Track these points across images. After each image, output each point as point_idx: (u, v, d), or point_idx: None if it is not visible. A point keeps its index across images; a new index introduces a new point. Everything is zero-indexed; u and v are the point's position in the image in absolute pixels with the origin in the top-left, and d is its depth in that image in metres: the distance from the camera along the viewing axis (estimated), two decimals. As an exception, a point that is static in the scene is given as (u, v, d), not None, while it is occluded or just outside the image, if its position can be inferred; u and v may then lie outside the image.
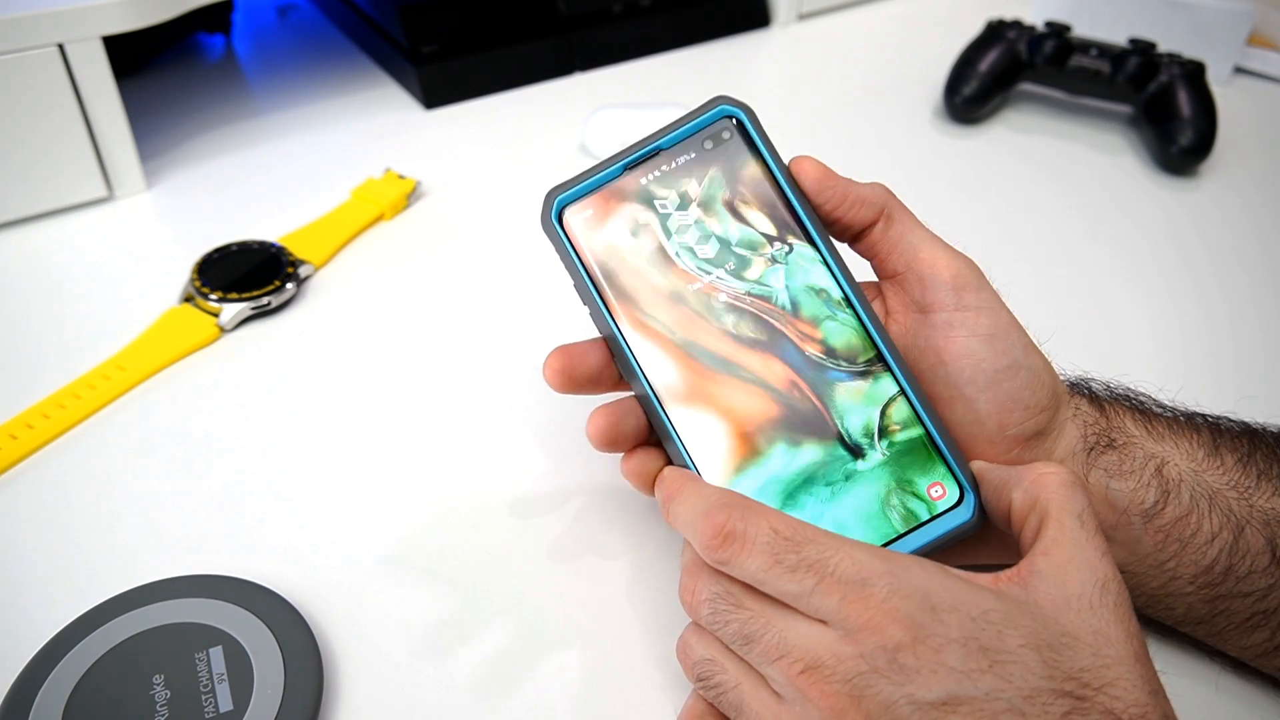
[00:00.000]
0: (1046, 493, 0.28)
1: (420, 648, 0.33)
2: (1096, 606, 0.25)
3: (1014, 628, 0.24)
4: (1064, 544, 0.26)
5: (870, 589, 0.25)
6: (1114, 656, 0.25)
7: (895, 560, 0.26)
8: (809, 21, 0.80)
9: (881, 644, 0.24)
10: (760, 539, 0.26)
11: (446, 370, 0.45)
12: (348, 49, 0.75)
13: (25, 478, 0.40)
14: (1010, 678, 0.24)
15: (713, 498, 0.28)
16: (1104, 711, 0.24)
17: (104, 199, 0.56)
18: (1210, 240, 0.55)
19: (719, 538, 0.27)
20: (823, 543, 0.26)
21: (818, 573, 0.25)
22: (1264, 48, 0.72)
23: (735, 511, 0.27)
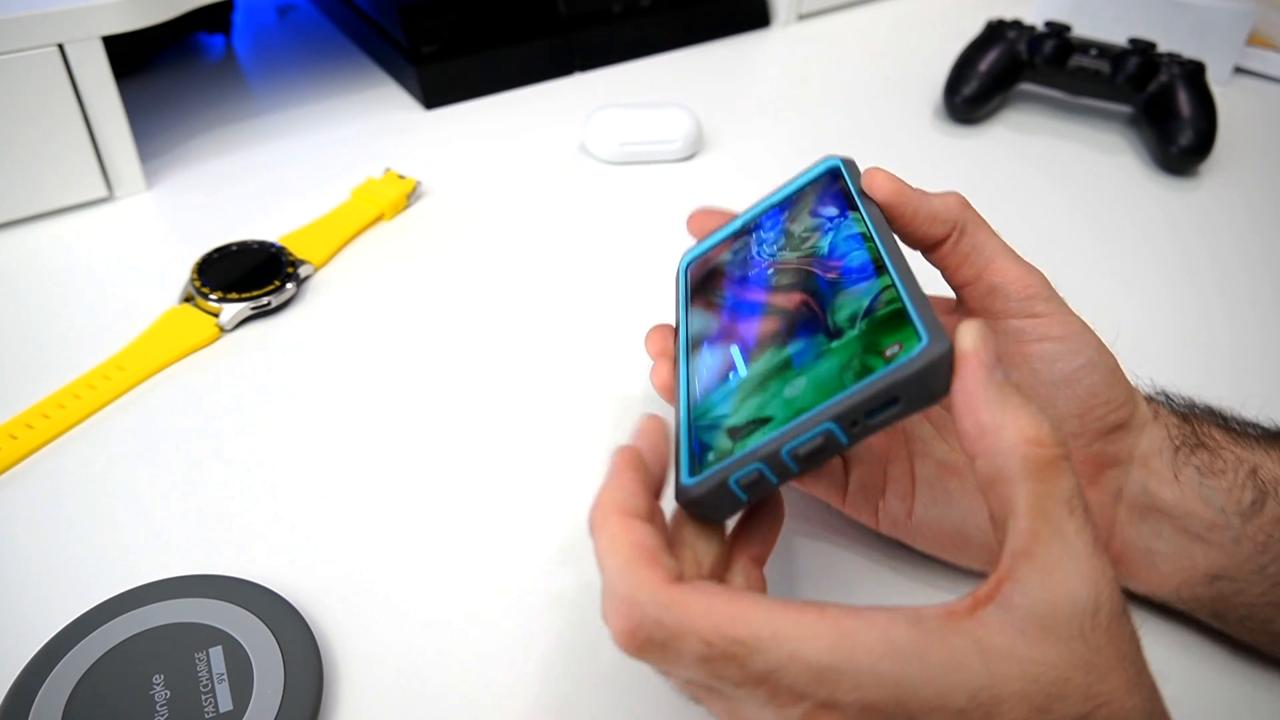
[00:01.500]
0: (1019, 470, 0.23)
1: (420, 648, 0.33)
2: (1088, 632, 0.22)
3: (1003, 703, 0.21)
4: (1049, 542, 0.23)
5: (835, 709, 0.22)
6: (1106, 693, 0.22)
7: (860, 654, 0.22)
8: (809, 21, 0.80)
9: None
10: (689, 654, 0.22)
11: (446, 370, 0.45)
12: (348, 49, 0.75)
13: (25, 478, 0.40)
14: None
15: (625, 586, 0.23)
16: None
17: (104, 199, 0.56)
18: (1210, 240, 0.55)
19: (634, 642, 0.23)
20: (768, 649, 0.22)
21: (770, 686, 0.22)
22: (1264, 48, 0.72)
23: (651, 619, 0.22)
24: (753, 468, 0.26)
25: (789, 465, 0.26)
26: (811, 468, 0.26)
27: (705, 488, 0.27)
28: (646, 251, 0.53)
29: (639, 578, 0.23)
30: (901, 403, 0.24)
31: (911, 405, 0.25)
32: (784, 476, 0.26)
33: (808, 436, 0.25)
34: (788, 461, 0.26)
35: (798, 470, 0.26)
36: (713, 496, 0.27)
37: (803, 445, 0.25)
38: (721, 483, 0.26)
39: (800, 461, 0.26)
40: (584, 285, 0.51)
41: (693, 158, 0.61)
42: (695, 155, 0.62)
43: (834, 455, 0.26)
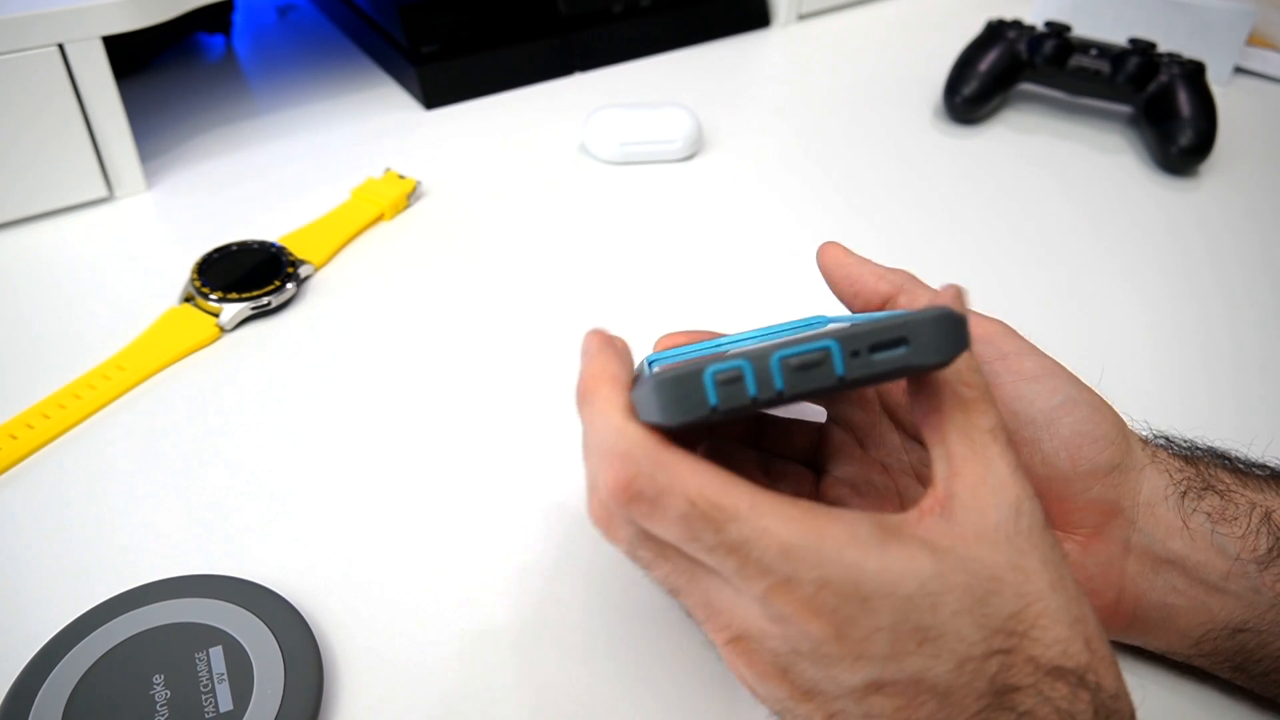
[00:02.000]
0: (949, 405, 0.26)
1: (421, 648, 0.33)
2: (1013, 535, 0.25)
3: (949, 592, 0.23)
4: (975, 463, 0.25)
5: (795, 584, 0.23)
6: (1034, 592, 0.24)
7: (827, 537, 0.23)
8: (809, 21, 0.80)
9: (805, 634, 0.23)
10: (673, 511, 0.24)
11: (447, 370, 0.45)
12: (348, 49, 0.75)
13: (25, 478, 0.40)
14: (939, 653, 0.23)
15: (622, 442, 0.25)
16: (1027, 659, 0.23)
17: (104, 199, 0.56)
18: (1210, 240, 0.55)
19: (624, 494, 0.24)
20: (744, 519, 0.23)
21: (740, 556, 0.23)
22: (1264, 48, 0.72)
23: (644, 473, 0.24)
24: (735, 364, 0.24)
25: (774, 375, 0.24)
26: (797, 392, 0.24)
27: (677, 372, 0.24)
28: (646, 251, 0.53)
29: (635, 435, 0.25)
30: (909, 347, 0.24)
31: (918, 354, 0.24)
32: (765, 389, 0.24)
33: (804, 349, 0.24)
34: (774, 370, 0.24)
35: (782, 386, 0.24)
36: (682, 386, 0.24)
37: (796, 355, 0.24)
38: (696, 371, 0.24)
39: (788, 375, 0.24)
40: (584, 285, 0.51)
41: (693, 158, 0.61)
42: (695, 155, 0.62)
43: (824, 388, 0.24)
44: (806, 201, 0.58)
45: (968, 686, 0.23)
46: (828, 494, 0.33)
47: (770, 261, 0.53)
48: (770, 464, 0.35)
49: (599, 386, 0.26)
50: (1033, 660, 0.23)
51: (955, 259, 0.53)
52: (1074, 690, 0.23)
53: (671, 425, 0.24)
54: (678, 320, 0.48)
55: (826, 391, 0.24)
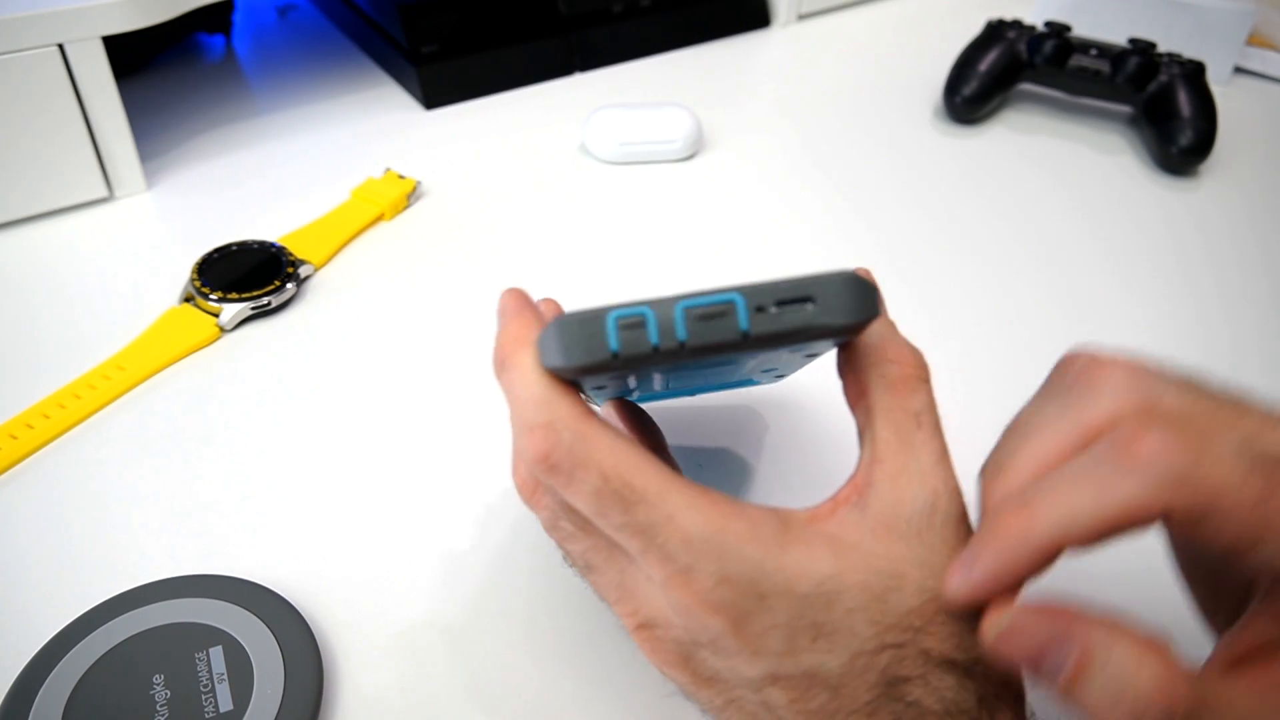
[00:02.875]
0: (875, 386, 0.26)
1: (421, 648, 0.33)
2: (924, 531, 0.24)
3: (845, 591, 0.23)
4: (897, 449, 0.25)
5: (694, 576, 0.23)
6: (936, 588, 0.24)
7: (729, 533, 0.23)
8: (809, 21, 0.80)
9: (704, 626, 0.24)
10: (586, 485, 0.24)
11: (447, 370, 0.45)
12: (348, 49, 0.75)
13: (25, 478, 0.40)
14: (833, 648, 0.24)
15: (544, 413, 0.24)
16: (920, 652, 0.24)
17: (104, 199, 0.56)
18: (1210, 240, 0.55)
19: (546, 466, 0.24)
20: (652, 504, 0.23)
21: (644, 540, 0.23)
22: (1264, 48, 0.72)
23: (564, 444, 0.24)
24: (638, 310, 0.23)
25: (677, 323, 0.23)
26: (700, 344, 0.23)
27: (580, 315, 0.23)
28: (646, 252, 0.53)
29: (560, 405, 0.24)
30: (815, 304, 0.23)
31: (823, 314, 0.23)
32: (666, 338, 0.23)
33: (709, 300, 0.23)
34: (678, 318, 0.23)
35: (684, 336, 0.23)
36: (583, 328, 0.23)
37: (699, 306, 0.23)
38: (598, 315, 0.23)
39: (691, 324, 0.23)
40: (584, 285, 0.51)
41: (693, 158, 0.61)
42: (695, 155, 0.62)
43: (728, 341, 0.23)
44: (807, 201, 0.58)
45: (859, 679, 0.24)
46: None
47: (770, 261, 0.53)
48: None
49: (518, 351, 0.26)
50: (925, 653, 0.24)
51: (955, 259, 0.53)
52: (961, 681, 0.24)
53: (570, 369, 0.24)
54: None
55: (731, 347, 0.24)
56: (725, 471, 0.40)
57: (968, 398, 0.44)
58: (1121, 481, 0.22)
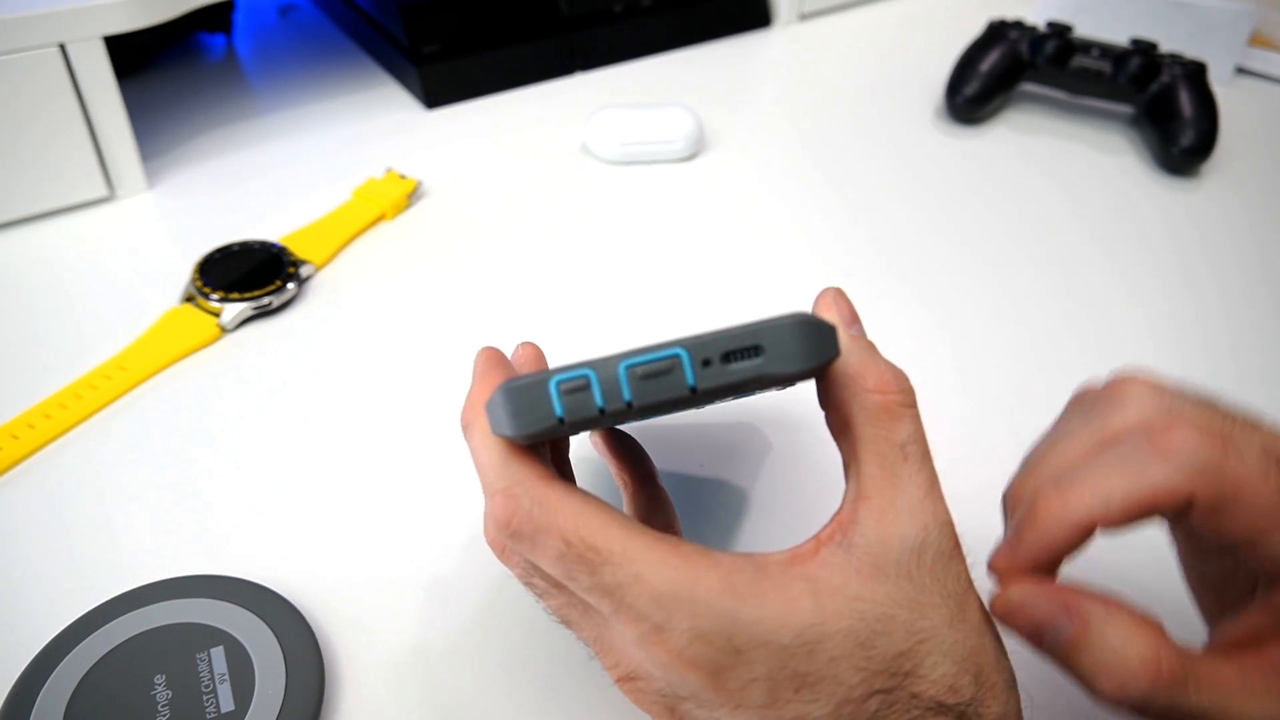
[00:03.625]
0: (859, 417, 0.25)
1: (422, 648, 0.33)
2: (914, 570, 0.24)
3: (828, 639, 0.23)
4: (884, 485, 0.24)
5: (667, 634, 0.23)
6: (927, 629, 0.24)
7: (700, 587, 0.23)
8: (809, 21, 0.80)
9: (682, 682, 0.23)
10: (549, 550, 0.23)
11: (448, 370, 0.45)
12: (348, 49, 0.75)
13: (26, 478, 0.40)
14: (817, 698, 0.23)
15: (504, 479, 0.24)
16: (910, 696, 0.23)
17: (105, 199, 0.56)
18: (1211, 241, 0.55)
19: (506, 530, 0.24)
20: (618, 564, 0.23)
21: (613, 601, 0.23)
22: (1265, 48, 0.72)
23: (524, 510, 0.24)
24: (580, 373, 0.23)
25: (621, 383, 0.23)
26: (646, 403, 0.23)
27: (522, 382, 0.23)
28: (647, 251, 0.53)
29: (517, 473, 0.25)
30: (764, 355, 0.23)
31: (774, 363, 0.23)
32: (612, 400, 0.23)
33: (651, 357, 0.23)
34: (622, 378, 0.23)
35: (630, 397, 0.23)
36: (526, 395, 0.23)
37: (642, 364, 0.23)
38: (540, 382, 0.23)
39: (635, 384, 0.23)
40: (584, 285, 0.51)
41: (694, 158, 0.61)
42: (696, 155, 0.62)
43: (675, 399, 0.23)
44: (807, 201, 0.58)
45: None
46: None
47: (771, 262, 0.53)
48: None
49: (479, 415, 0.26)
50: (915, 697, 0.23)
51: (955, 259, 0.53)
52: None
53: (519, 437, 0.24)
54: (677, 320, 0.48)
55: (680, 404, 0.23)
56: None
57: (969, 398, 0.44)
58: (1153, 467, 0.23)
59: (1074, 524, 0.24)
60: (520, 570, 0.27)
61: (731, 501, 0.39)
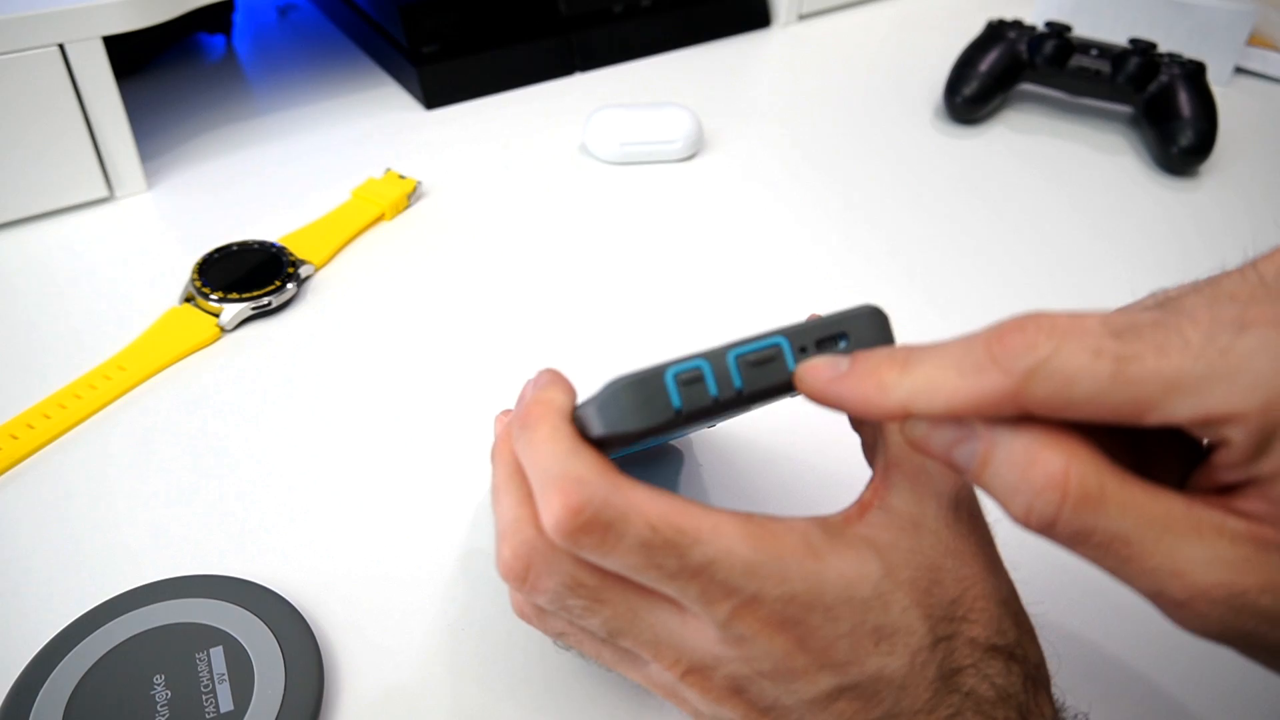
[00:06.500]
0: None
1: (421, 648, 0.33)
2: (952, 524, 0.25)
3: (899, 589, 0.24)
4: (912, 452, 0.26)
5: (759, 602, 0.23)
6: (971, 576, 0.25)
7: (785, 551, 0.23)
8: (809, 21, 0.80)
9: (769, 651, 0.23)
10: (632, 538, 0.23)
11: (448, 370, 0.45)
12: (348, 49, 0.75)
13: (26, 478, 0.40)
14: (894, 649, 0.24)
15: (575, 466, 0.23)
16: (968, 641, 0.24)
17: (104, 199, 0.56)
18: (1211, 241, 0.55)
19: (578, 523, 0.23)
20: (708, 541, 0.23)
21: (704, 579, 0.23)
22: (1264, 48, 0.72)
23: (599, 497, 0.23)
24: (694, 364, 0.24)
25: (733, 372, 0.24)
26: (757, 388, 0.24)
27: (637, 376, 0.24)
28: (646, 252, 0.53)
29: (589, 460, 0.24)
30: (849, 340, 0.25)
31: (856, 346, 0.25)
32: (725, 389, 0.24)
33: (758, 345, 0.24)
34: (732, 367, 0.24)
35: (741, 384, 0.24)
36: (644, 389, 0.23)
37: (751, 352, 0.24)
38: (657, 373, 0.24)
39: (745, 371, 0.24)
40: (584, 285, 0.51)
41: (693, 158, 0.61)
42: (695, 155, 0.62)
43: (779, 384, 0.24)
44: (807, 202, 0.58)
45: (920, 675, 0.24)
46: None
47: (770, 262, 0.53)
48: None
49: (548, 414, 0.25)
50: (973, 642, 0.24)
51: (955, 259, 0.53)
52: (1007, 665, 0.24)
53: (632, 432, 0.24)
54: (677, 320, 0.48)
55: (780, 390, 0.25)
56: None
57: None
58: (982, 372, 0.21)
59: (889, 406, 0.23)
60: (551, 594, 0.25)
61: (731, 501, 0.39)
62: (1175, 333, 0.20)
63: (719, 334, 0.26)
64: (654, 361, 0.24)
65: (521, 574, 0.25)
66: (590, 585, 0.25)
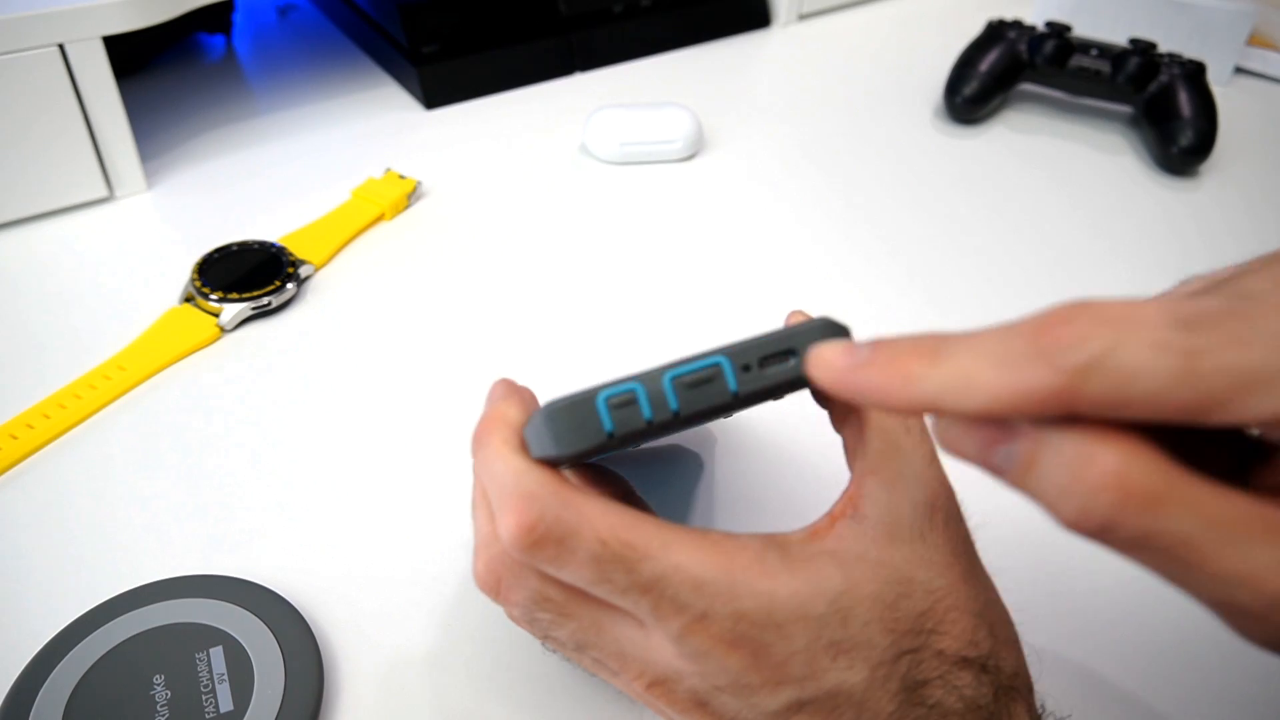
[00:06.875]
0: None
1: (421, 648, 0.33)
2: (926, 534, 0.25)
3: (859, 605, 0.24)
4: (889, 458, 0.25)
5: (710, 620, 0.23)
6: (944, 587, 0.24)
7: (737, 569, 0.23)
8: (809, 21, 0.80)
9: (723, 668, 0.24)
10: (583, 552, 0.23)
11: (447, 370, 0.45)
12: (348, 49, 0.75)
13: (26, 478, 0.40)
14: (853, 664, 0.24)
15: (525, 483, 0.24)
16: (935, 653, 0.24)
17: (104, 199, 0.56)
18: (1210, 240, 0.55)
19: (532, 539, 0.23)
20: (656, 557, 0.23)
21: (654, 595, 0.23)
22: (1264, 48, 0.72)
23: (550, 513, 0.23)
24: (627, 387, 0.23)
25: (668, 394, 0.23)
26: (693, 413, 0.24)
27: (569, 400, 0.23)
28: (647, 252, 0.53)
29: (539, 476, 0.24)
30: (796, 356, 0.24)
31: (805, 364, 0.23)
32: (659, 411, 0.23)
33: (695, 366, 0.24)
34: (668, 390, 0.23)
35: (677, 406, 0.23)
36: (575, 413, 0.23)
37: (688, 374, 0.24)
38: (589, 398, 0.23)
39: (681, 393, 0.23)
40: (584, 285, 0.51)
41: (693, 158, 0.61)
42: (695, 155, 0.62)
43: (719, 405, 0.24)
44: (807, 202, 0.58)
45: (881, 689, 0.24)
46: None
47: (770, 262, 0.53)
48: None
49: (494, 429, 0.25)
50: (940, 654, 0.24)
51: (955, 259, 0.53)
52: (978, 676, 0.24)
53: (566, 455, 0.24)
54: (677, 320, 0.48)
55: (721, 410, 0.24)
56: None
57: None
58: (1026, 365, 0.19)
59: (915, 401, 0.20)
60: (519, 606, 0.26)
61: (716, 505, 0.39)
62: (1249, 323, 0.18)
63: (719, 334, 0.26)
64: (590, 384, 0.24)
65: (494, 586, 0.26)
66: (556, 600, 0.25)
